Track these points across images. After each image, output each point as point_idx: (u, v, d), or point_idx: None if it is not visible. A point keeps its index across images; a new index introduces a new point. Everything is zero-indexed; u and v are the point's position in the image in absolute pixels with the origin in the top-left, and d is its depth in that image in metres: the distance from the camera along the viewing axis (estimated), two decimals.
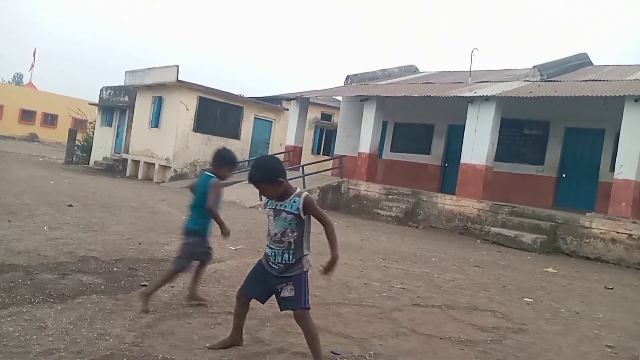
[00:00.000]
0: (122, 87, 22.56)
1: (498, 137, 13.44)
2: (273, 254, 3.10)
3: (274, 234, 3.08)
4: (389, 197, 14.67)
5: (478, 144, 13.30)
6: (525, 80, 14.82)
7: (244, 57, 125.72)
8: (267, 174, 3.03)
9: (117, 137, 23.52)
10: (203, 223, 4.05)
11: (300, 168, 15.47)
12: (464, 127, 13.72)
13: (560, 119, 14.47)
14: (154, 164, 19.44)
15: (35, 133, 41.14)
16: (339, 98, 20.33)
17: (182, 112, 18.80)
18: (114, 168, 21.82)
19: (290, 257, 3.05)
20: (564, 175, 14.59)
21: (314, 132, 22.79)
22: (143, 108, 20.72)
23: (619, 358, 4.15)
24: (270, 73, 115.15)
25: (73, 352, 2.94)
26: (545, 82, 14.40)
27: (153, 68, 19.82)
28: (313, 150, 22.53)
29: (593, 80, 13.94)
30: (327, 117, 23.20)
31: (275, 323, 3.89)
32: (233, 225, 8.90)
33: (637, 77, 13.79)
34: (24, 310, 3.53)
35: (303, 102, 18.48)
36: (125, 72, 21.51)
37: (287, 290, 3.05)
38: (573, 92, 12.23)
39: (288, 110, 20.63)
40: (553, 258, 10.43)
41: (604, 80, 13.68)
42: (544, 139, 14.95)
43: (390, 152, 18.47)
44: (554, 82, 14.29)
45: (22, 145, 31.80)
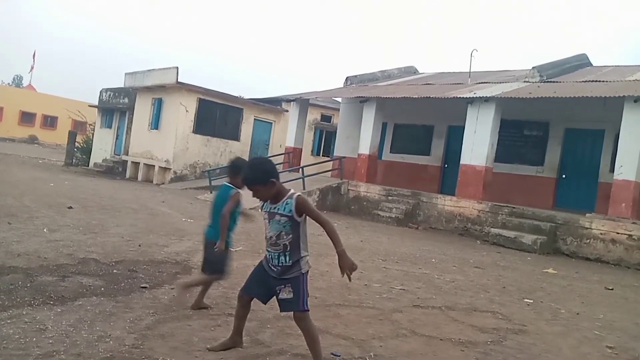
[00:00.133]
0: (121, 88, 22.57)
1: (498, 138, 13.44)
2: (271, 257, 3.11)
3: (270, 237, 3.09)
4: (389, 198, 14.67)
5: (478, 145, 13.30)
6: (525, 81, 14.82)
7: (244, 57, 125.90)
8: (259, 175, 3.03)
9: (116, 138, 23.52)
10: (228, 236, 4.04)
11: (300, 169, 15.49)
12: (464, 128, 13.73)
13: (560, 120, 14.48)
14: (154, 166, 19.44)
15: (35, 135, 41.14)
16: (339, 99, 20.32)
17: (181, 113, 18.81)
18: (114, 170, 21.83)
19: (287, 259, 3.05)
20: (564, 176, 14.59)
21: (314, 133, 22.78)
22: (143, 110, 20.73)
23: (619, 359, 4.15)
24: (270, 73, 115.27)
25: (73, 354, 2.94)
26: (545, 82, 14.41)
27: (153, 70, 19.83)
28: (313, 152, 22.53)
29: (592, 81, 13.94)
30: (326, 118, 23.20)
31: (276, 325, 3.89)
32: None
33: (636, 77, 13.80)
34: (24, 313, 3.53)
35: (303, 103, 18.50)
36: (125, 73, 21.53)
37: (285, 292, 3.04)
38: (573, 92, 12.24)
39: (288, 112, 20.65)
40: (553, 259, 10.43)
41: (604, 81, 13.68)
42: (544, 140, 14.95)
43: (390, 153, 18.47)
44: (554, 82, 14.30)
45: (21, 147, 31.80)
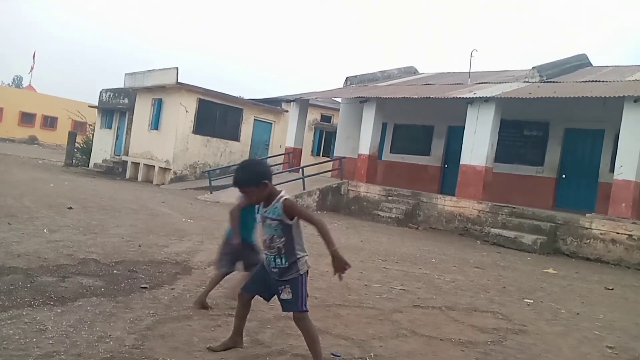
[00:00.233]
0: (121, 89, 22.58)
1: (498, 138, 13.44)
2: (268, 260, 3.13)
3: (264, 240, 3.12)
4: (389, 198, 14.67)
5: (478, 145, 13.30)
6: (525, 81, 14.82)
7: (244, 57, 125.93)
8: (252, 177, 3.02)
9: (116, 139, 23.53)
10: (246, 233, 4.22)
11: (300, 170, 15.49)
12: (464, 128, 13.73)
13: (560, 120, 14.48)
14: (154, 166, 19.44)
15: (35, 135, 41.16)
16: (339, 100, 20.31)
17: (181, 114, 18.81)
18: (114, 170, 21.83)
19: (284, 261, 3.05)
20: (564, 176, 14.59)
21: (314, 133, 22.79)
22: (143, 110, 20.74)
23: (620, 359, 4.15)
24: (270, 73, 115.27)
25: (73, 354, 2.94)
26: (545, 83, 14.41)
27: (153, 70, 19.84)
28: (313, 152, 22.53)
29: (592, 81, 13.94)
30: (326, 118, 23.21)
31: (276, 325, 3.89)
32: None
33: (636, 77, 13.80)
34: (24, 313, 3.53)
35: (303, 103, 18.49)
36: (125, 74, 21.54)
37: (285, 293, 3.06)
38: (572, 92, 12.24)
39: (288, 112, 20.64)
40: (553, 259, 10.42)
41: (604, 81, 13.68)
42: (544, 140, 14.95)
43: (390, 153, 18.47)
44: (554, 83, 14.30)
45: (21, 148, 31.81)
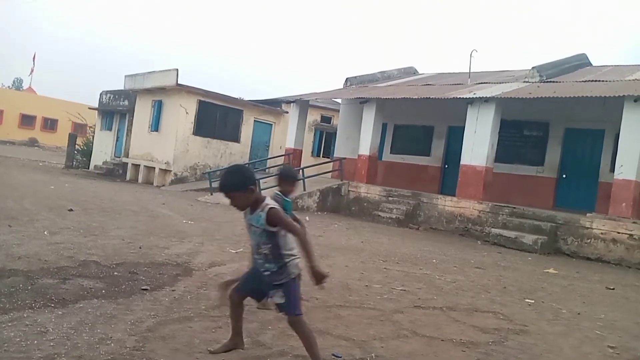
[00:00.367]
0: (121, 91, 22.59)
1: (498, 138, 13.44)
2: (258, 264, 3.15)
3: (252, 246, 3.15)
4: (389, 199, 14.67)
5: (478, 145, 13.30)
6: (525, 81, 14.82)
7: (244, 57, 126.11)
8: (237, 182, 3.01)
9: (117, 141, 23.54)
10: None
11: (301, 171, 15.49)
12: (464, 128, 13.72)
13: (560, 120, 14.48)
14: (154, 168, 19.45)
15: (35, 138, 41.20)
16: (339, 100, 20.33)
17: (181, 115, 18.82)
18: (114, 172, 21.84)
19: (272, 265, 3.07)
20: (564, 176, 14.58)
21: (314, 134, 22.79)
22: (143, 112, 20.74)
23: (621, 359, 4.15)
24: (270, 73, 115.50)
25: (74, 356, 2.94)
26: (545, 83, 14.41)
27: (153, 72, 19.86)
28: (313, 153, 22.53)
29: (592, 81, 13.94)
30: (326, 119, 23.21)
31: (277, 326, 3.88)
32: (234, 229, 8.92)
33: (636, 77, 13.80)
34: (25, 316, 3.53)
35: (303, 104, 18.49)
36: (125, 76, 21.57)
37: (278, 297, 3.07)
38: (572, 92, 12.23)
39: (288, 113, 20.64)
40: (554, 259, 10.42)
41: (603, 81, 13.68)
42: (544, 140, 14.95)
43: (390, 154, 18.47)
44: (553, 82, 14.30)
45: (22, 150, 31.84)
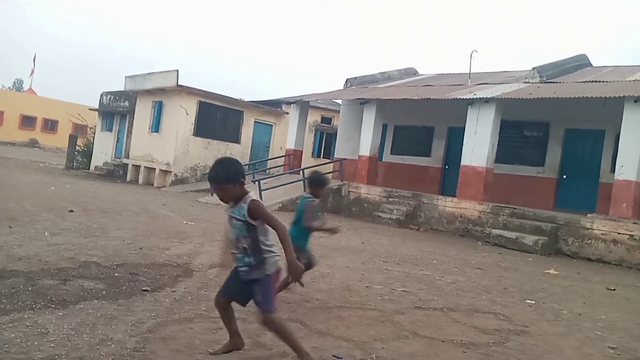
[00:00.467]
0: (122, 92, 22.61)
1: (498, 138, 13.44)
2: (237, 260, 3.16)
3: (232, 240, 3.14)
4: (390, 199, 14.67)
5: (478, 146, 13.30)
6: (525, 82, 14.83)
7: (244, 57, 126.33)
8: (231, 174, 3.03)
9: (117, 142, 23.55)
10: (302, 237, 4.64)
11: (301, 171, 15.49)
12: (464, 129, 13.72)
13: (560, 120, 14.48)
14: (155, 169, 19.45)
15: (36, 139, 41.22)
16: (339, 101, 20.33)
17: (182, 116, 18.82)
18: (115, 173, 21.84)
19: (252, 259, 3.09)
20: (565, 177, 14.58)
21: (314, 135, 22.80)
22: (143, 113, 20.75)
23: (622, 359, 4.14)
24: (270, 73, 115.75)
25: (75, 357, 2.94)
26: (545, 83, 14.41)
27: (153, 73, 19.87)
28: (313, 154, 22.54)
29: (592, 82, 13.94)
30: (327, 120, 23.22)
31: None
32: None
33: (636, 77, 13.80)
34: (26, 317, 3.53)
35: (303, 105, 18.50)
36: (125, 77, 21.58)
37: (257, 293, 3.11)
38: (573, 93, 12.24)
39: (288, 114, 20.65)
40: (554, 259, 10.41)
41: (604, 81, 13.68)
42: (544, 141, 14.95)
43: (391, 154, 18.47)
44: (554, 83, 14.30)
45: (22, 151, 31.84)
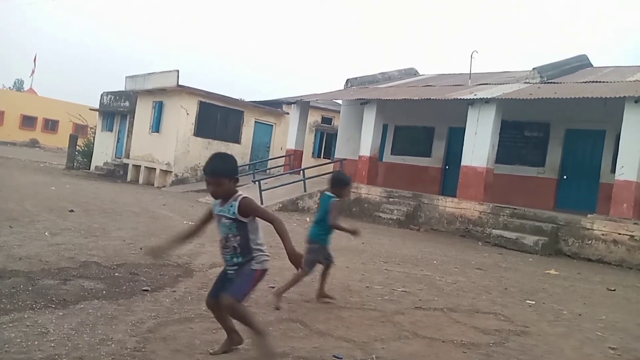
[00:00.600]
0: (122, 92, 22.62)
1: (498, 139, 13.43)
2: (225, 260, 3.15)
3: (220, 240, 3.13)
4: (390, 200, 14.67)
5: (478, 146, 13.30)
6: (525, 82, 14.82)
7: (244, 57, 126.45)
8: (230, 168, 3.02)
9: (117, 142, 23.56)
10: (324, 235, 4.74)
11: (301, 172, 15.49)
12: (465, 129, 13.72)
13: (561, 121, 14.47)
14: (155, 169, 19.46)
15: (36, 139, 41.23)
16: (339, 101, 20.33)
17: (182, 116, 18.83)
18: (115, 173, 21.85)
19: (240, 259, 3.09)
20: (565, 177, 14.58)
21: (315, 135, 22.80)
22: (143, 113, 20.76)
23: None
24: (270, 73, 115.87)
25: (75, 357, 2.94)
26: (545, 84, 14.41)
27: (153, 73, 19.88)
28: (314, 154, 22.55)
29: (593, 82, 13.94)
30: (327, 120, 23.22)
31: (278, 327, 3.88)
32: None
33: (637, 78, 13.80)
34: (26, 316, 3.53)
35: (303, 105, 18.50)
36: (126, 77, 21.59)
37: (234, 280, 3.07)
38: (573, 93, 12.23)
39: (288, 114, 20.67)
40: (555, 260, 10.41)
41: (604, 82, 13.67)
42: (545, 141, 14.95)
43: (391, 155, 18.47)
44: (554, 83, 14.30)
45: (23, 151, 31.85)
